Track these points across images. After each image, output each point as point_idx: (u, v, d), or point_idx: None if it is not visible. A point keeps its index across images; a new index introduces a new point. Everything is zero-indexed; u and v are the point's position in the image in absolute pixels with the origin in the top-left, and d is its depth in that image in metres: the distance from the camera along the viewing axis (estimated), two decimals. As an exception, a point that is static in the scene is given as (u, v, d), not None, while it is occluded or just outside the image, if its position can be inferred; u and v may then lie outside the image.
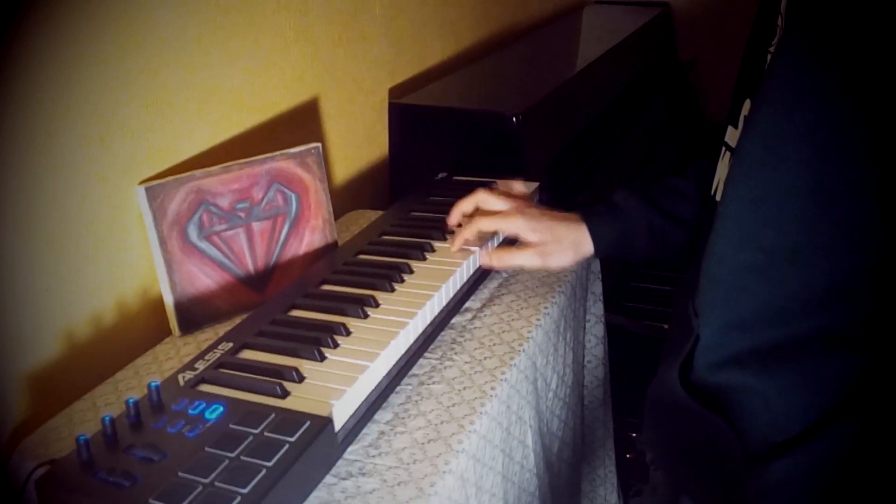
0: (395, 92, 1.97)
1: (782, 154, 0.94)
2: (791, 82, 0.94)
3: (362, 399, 1.04)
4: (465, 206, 1.39)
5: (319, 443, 0.92)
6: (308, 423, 0.93)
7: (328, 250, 1.44)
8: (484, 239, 1.39)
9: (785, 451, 0.99)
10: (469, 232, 1.35)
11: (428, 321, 1.20)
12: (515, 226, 1.32)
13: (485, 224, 1.34)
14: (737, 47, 1.18)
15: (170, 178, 1.25)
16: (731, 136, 1.10)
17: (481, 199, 1.37)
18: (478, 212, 1.38)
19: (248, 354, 1.09)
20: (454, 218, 1.40)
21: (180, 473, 0.86)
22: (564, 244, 1.31)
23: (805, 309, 0.97)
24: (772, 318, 0.99)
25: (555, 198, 1.62)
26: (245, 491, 0.84)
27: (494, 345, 1.22)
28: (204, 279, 1.29)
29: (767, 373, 1.01)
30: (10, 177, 1.07)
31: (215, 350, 1.09)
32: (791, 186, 0.94)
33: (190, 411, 0.96)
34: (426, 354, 1.19)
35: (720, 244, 1.03)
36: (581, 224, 1.32)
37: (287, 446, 0.90)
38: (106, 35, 1.18)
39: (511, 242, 1.38)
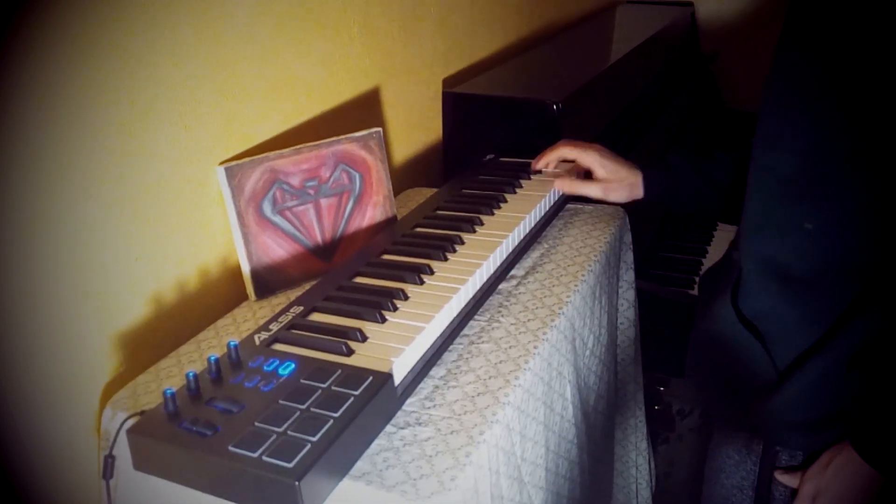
0: (448, 82, 1.95)
1: (786, 103, 1.03)
2: (790, 52, 1.03)
3: (419, 357, 1.02)
4: (549, 149, 1.52)
5: (381, 396, 0.91)
6: (371, 378, 0.92)
7: (388, 224, 1.42)
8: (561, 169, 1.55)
9: (801, 364, 1.06)
10: (552, 155, 1.51)
11: (477, 287, 1.18)
12: (591, 158, 1.45)
13: (566, 151, 1.48)
14: (752, 42, 1.22)
15: (246, 160, 1.23)
16: None
17: (565, 142, 1.51)
18: (561, 142, 1.51)
19: (316, 317, 1.08)
20: (540, 163, 1.54)
21: (257, 423, 0.86)
22: (623, 185, 1.44)
23: (816, 243, 1.02)
24: (790, 252, 1.05)
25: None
26: (315, 439, 0.83)
27: (537, 308, 1.20)
28: (277, 249, 1.27)
29: (789, 302, 1.07)
30: (105, 161, 1.06)
31: (287, 313, 1.09)
32: (794, 128, 1.02)
33: (265, 368, 0.95)
34: (476, 317, 1.18)
35: (751, 182, 1.10)
36: (639, 172, 1.44)
37: (352, 399, 0.89)
38: (188, 32, 1.16)
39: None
